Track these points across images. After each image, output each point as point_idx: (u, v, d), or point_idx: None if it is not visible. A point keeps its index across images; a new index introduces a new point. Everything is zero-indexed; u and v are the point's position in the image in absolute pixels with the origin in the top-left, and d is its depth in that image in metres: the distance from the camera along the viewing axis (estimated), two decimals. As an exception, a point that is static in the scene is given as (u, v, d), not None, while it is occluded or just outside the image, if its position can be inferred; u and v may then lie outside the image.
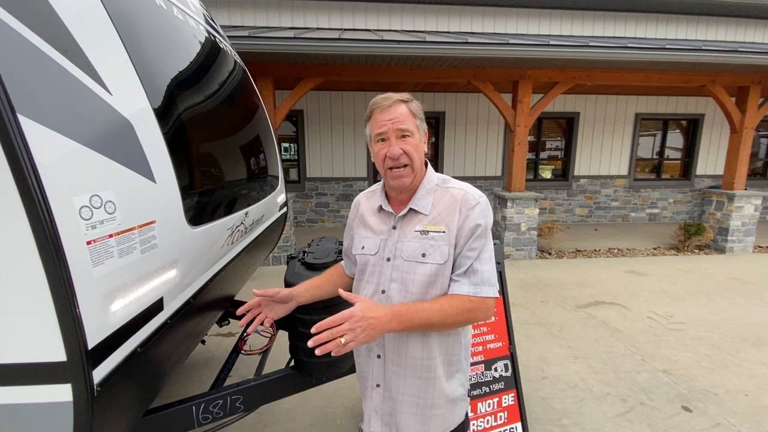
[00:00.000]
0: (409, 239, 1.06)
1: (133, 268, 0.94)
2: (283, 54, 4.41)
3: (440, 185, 1.11)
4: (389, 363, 1.09)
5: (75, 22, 0.86)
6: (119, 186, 0.90)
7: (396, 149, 1.01)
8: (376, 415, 1.13)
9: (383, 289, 1.08)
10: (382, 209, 1.13)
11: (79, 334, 0.76)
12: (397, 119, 1.01)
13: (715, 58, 4.94)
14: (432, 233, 1.04)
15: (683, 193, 8.68)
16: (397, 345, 1.07)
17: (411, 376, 1.07)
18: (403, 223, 1.09)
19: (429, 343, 1.06)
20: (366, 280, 1.13)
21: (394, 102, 1.03)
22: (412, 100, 1.07)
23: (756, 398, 2.53)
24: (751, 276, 4.98)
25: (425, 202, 1.08)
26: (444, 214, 1.05)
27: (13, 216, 0.70)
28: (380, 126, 1.03)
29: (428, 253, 1.03)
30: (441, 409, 1.09)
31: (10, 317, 0.74)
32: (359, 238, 1.17)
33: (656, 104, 8.23)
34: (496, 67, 5.18)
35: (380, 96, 1.06)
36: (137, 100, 1.01)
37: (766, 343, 3.24)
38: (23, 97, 0.71)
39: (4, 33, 0.70)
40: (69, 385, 0.77)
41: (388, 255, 1.08)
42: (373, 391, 1.13)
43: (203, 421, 1.58)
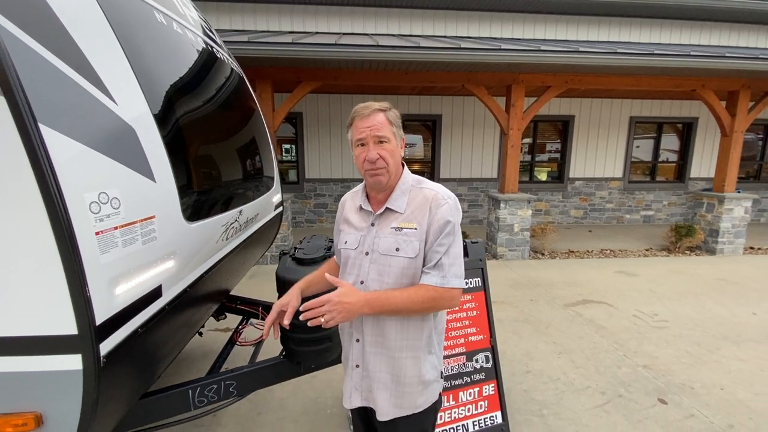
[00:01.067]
0: (385, 235, 1.17)
1: (135, 257, 1.07)
2: (281, 59, 4.55)
3: (415, 186, 1.22)
4: (367, 345, 1.20)
5: (86, 43, 0.99)
6: (123, 184, 1.03)
7: (373, 153, 1.12)
8: (356, 392, 1.24)
9: (362, 280, 1.19)
10: (363, 208, 1.24)
11: (88, 311, 0.89)
12: (375, 127, 1.12)
13: (703, 63, 5.06)
14: (405, 230, 1.15)
15: (677, 196, 8.78)
16: (375, 329, 1.18)
17: (386, 356, 1.19)
18: (380, 221, 1.20)
19: (404, 328, 1.17)
20: (348, 272, 1.23)
21: (372, 111, 1.13)
22: (390, 109, 1.18)
23: (730, 392, 2.63)
24: (739, 277, 5.08)
25: (401, 201, 1.19)
26: (416, 212, 1.16)
27: (34, 210, 0.82)
28: (360, 132, 1.13)
29: (401, 247, 1.14)
30: (413, 388, 1.20)
31: (30, 297, 0.87)
32: (343, 234, 1.28)
33: (651, 108, 8.34)
34: (489, 72, 5.31)
35: (361, 105, 1.17)
36: (139, 108, 1.14)
37: (746, 341, 3.34)
38: (43, 108, 0.83)
39: (26, 53, 0.83)
40: (79, 355, 0.90)
41: (367, 249, 1.19)
42: (353, 371, 1.24)
43: (199, 404, 1.70)
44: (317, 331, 1.83)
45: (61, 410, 0.92)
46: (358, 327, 1.21)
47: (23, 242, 0.85)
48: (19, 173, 0.81)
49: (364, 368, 1.22)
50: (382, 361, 1.19)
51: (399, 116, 1.20)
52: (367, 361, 1.21)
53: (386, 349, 1.18)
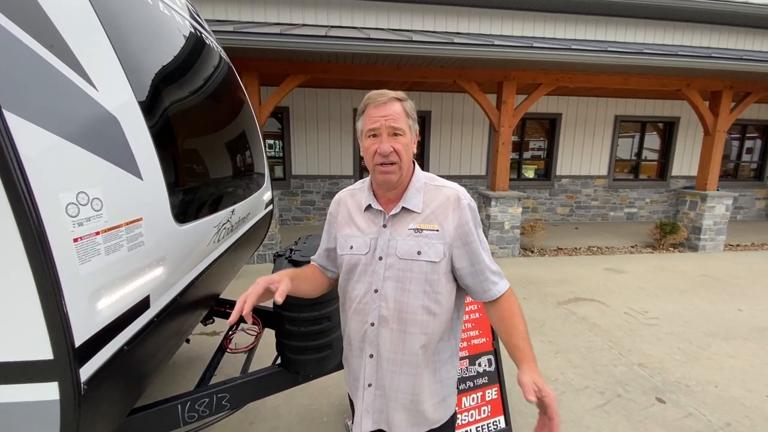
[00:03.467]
0: (402, 237, 1.05)
1: (120, 265, 0.94)
2: (268, 50, 4.37)
3: (429, 183, 1.11)
4: (383, 362, 1.08)
5: (61, 18, 0.85)
6: (106, 183, 0.90)
7: (387, 146, 1.00)
8: (368, 414, 1.12)
9: (376, 288, 1.06)
10: (371, 208, 1.11)
11: (66, 332, 0.76)
12: (391, 117, 1.00)
13: (689, 63, 5.13)
14: (426, 231, 1.05)
15: (659, 193, 8.98)
16: (396, 345, 1.06)
17: (405, 374, 1.07)
18: (394, 222, 1.08)
19: (431, 342, 1.06)
20: (356, 280, 1.10)
21: (389, 99, 1.02)
22: (407, 99, 1.06)
23: (725, 389, 2.65)
24: (721, 273, 5.20)
25: (416, 200, 1.08)
26: (437, 213, 1.06)
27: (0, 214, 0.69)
28: (373, 122, 1.01)
29: (423, 250, 1.03)
30: (433, 403, 1.10)
31: None
32: (344, 237, 1.14)
33: (635, 107, 8.48)
34: (481, 68, 5.25)
35: (376, 92, 1.05)
36: (123, 96, 1.01)
37: (734, 338, 3.40)
38: (8, 92, 0.70)
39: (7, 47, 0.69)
40: (56, 383, 0.77)
41: (380, 254, 1.06)
42: (365, 391, 1.11)
43: (189, 420, 1.57)
44: (317, 338, 1.72)
45: (34, 446, 0.79)
46: (372, 341, 1.08)
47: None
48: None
49: (378, 387, 1.10)
50: (401, 380, 1.07)
51: (415, 108, 1.08)
52: (382, 379, 1.08)
53: (407, 366, 1.06)
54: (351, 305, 1.12)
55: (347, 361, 1.20)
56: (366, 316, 1.08)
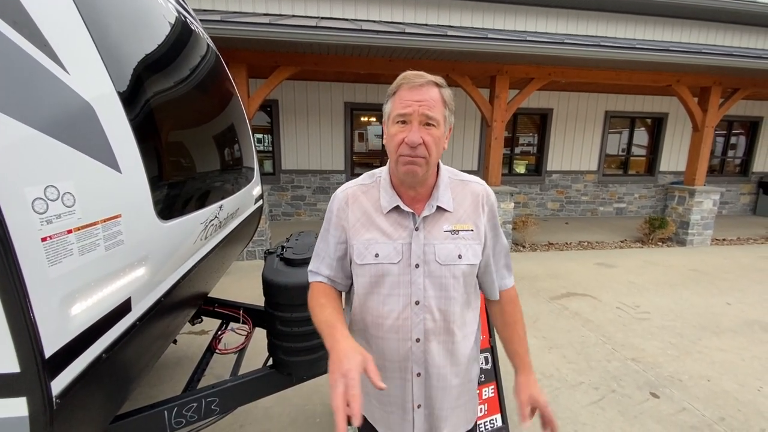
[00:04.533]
0: (440, 240, 0.95)
1: (96, 266, 0.86)
2: (258, 41, 4.24)
3: (453, 178, 1.02)
4: (433, 379, 0.98)
5: (25, -10, 0.76)
6: (79, 176, 0.82)
7: (416, 136, 0.86)
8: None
9: (417, 300, 0.95)
10: (397, 209, 0.96)
11: (33, 341, 0.68)
12: (426, 103, 0.86)
13: (679, 58, 5.15)
14: (462, 232, 0.96)
15: (647, 189, 9.08)
16: (445, 358, 0.98)
17: (455, 387, 1.02)
18: (426, 224, 0.96)
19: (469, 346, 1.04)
20: (388, 293, 0.96)
21: (427, 82, 0.88)
22: (446, 86, 0.93)
23: (717, 383, 2.67)
24: (709, 267, 5.28)
25: (447, 197, 0.98)
26: (470, 211, 0.98)
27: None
28: (405, 105, 0.87)
29: (463, 253, 0.95)
30: (470, 407, 1.09)
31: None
32: (365, 242, 0.97)
33: (624, 102, 8.53)
34: (474, 62, 5.19)
35: (412, 72, 0.91)
36: (99, 81, 0.92)
37: (724, 331, 3.43)
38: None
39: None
40: (24, 398, 0.69)
41: (417, 261, 0.94)
42: (414, 413, 1.00)
43: (176, 426, 1.50)
44: (310, 339, 1.66)
45: (0, 468, 0.71)
46: (419, 359, 0.97)
47: None
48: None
49: (427, 407, 1.00)
50: (450, 395, 1.01)
51: (453, 97, 0.95)
52: (432, 398, 0.99)
53: (456, 377, 1.01)
54: (383, 323, 0.97)
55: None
56: (408, 332, 0.96)
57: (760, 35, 8.45)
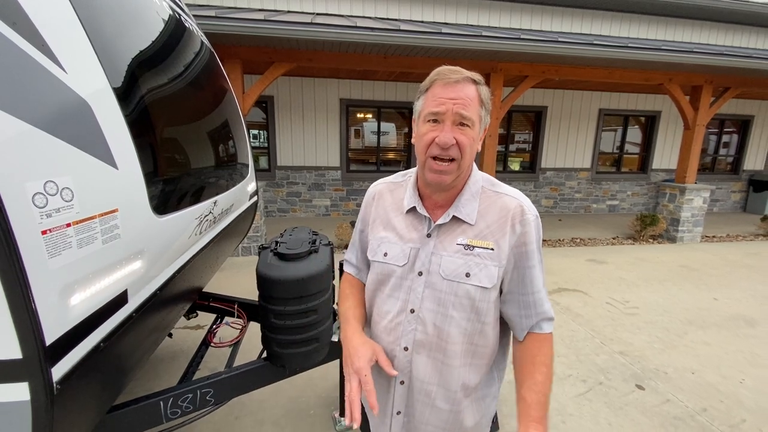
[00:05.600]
0: (449, 253, 0.88)
1: (94, 259, 0.89)
2: (252, 37, 4.24)
3: (488, 188, 0.93)
4: (416, 392, 0.95)
5: (23, -8, 0.78)
6: (77, 172, 0.84)
7: (449, 137, 0.81)
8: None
9: (412, 309, 0.91)
10: (415, 210, 0.93)
11: (35, 329, 0.72)
12: (461, 102, 0.81)
13: (671, 57, 5.21)
14: (478, 249, 0.87)
15: (640, 186, 9.18)
16: (432, 376, 0.93)
17: (440, 409, 0.95)
18: (440, 233, 0.91)
19: (475, 372, 0.94)
20: (389, 294, 0.95)
21: (463, 78, 0.82)
22: (483, 83, 0.86)
23: (701, 376, 2.75)
24: (698, 264, 5.37)
25: (470, 208, 0.90)
26: (494, 228, 0.88)
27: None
28: (438, 103, 0.82)
29: (473, 273, 0.86)
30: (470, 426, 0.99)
31: None
32: (378, 240, 0.97)
33: (618, 101, 8.61)
34: (468, 59, 5.22)
35: (447, 67, 0.86)
36: (95, 79, 0.94)
37: (710, 326, 3.52)
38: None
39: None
40: (26, 383, 0.72)
41: (421, 269, 0.90)
42: (393, 418, 0.99)
43: (171, 416, 1.54)
44: (304, 331, 1.70)
45: (3, 450, 0.75)
46: (404, 368, 0.93)
47: None
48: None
49: (407, 415, 0.98)
50: (433, 413, 0.95)
51: (491, 97, 0.88)
52: (413, 407, 0.97)
53: (444, 401, 0.94)
54: (380, 322, 0.97)
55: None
56: (398, 338, 0.93)
57: (752, 35, 8.54)
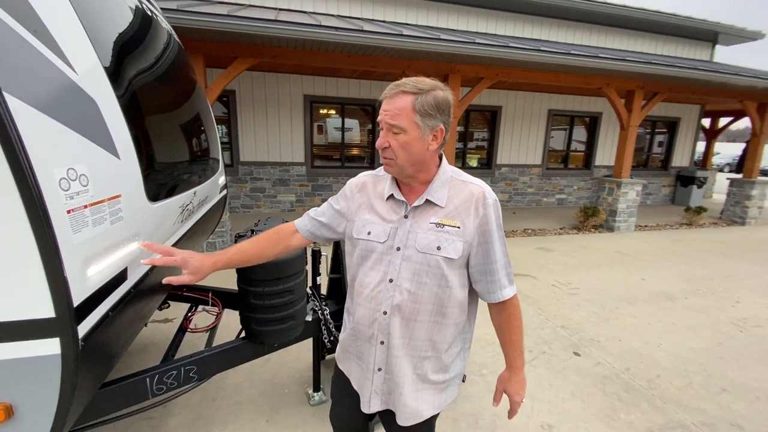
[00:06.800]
0: (423, 230, 1.05)
1: (105, 237, 1.02)
2: (216, 32, 4.24)
3: (455, 177, 1.11)
4: (394, 348, 1.09)
5: (40, 3, 0.90)
6: (90, 161, 0.97)
7: (381, 141, 1.01)
8: (377, 396, 1.16)
9: (391, 278, 1.07)
10: (394, 197, 1.10)
11: (65, 292, 0.85)
12: (389, 113, 0.98)
13: (607, 64, 5.78)
14: (447, 227, 1.04)
15: (585, 181, 9.98)
16: (405, 331, 1.09)
17: (413, 357, 1.10)
18: (415, 214, 1.07)
19: (437, 330, 1.09)
20: (371, 267, 1.10)
21: (397, 93, 0.98)
22: (424, 92, 0.97)
23: (626, 343, 3.19)
24: (631, 250, 6.02)
25: (441, 194, 1.06)
26: (461, 210, 1.05)
27: (4, 186, 0.76)
28: (380, 114, 1.01)
29: (443, 246, 1.03)
30: (437, 387, 1.15)
31: (4, 279, 0.80)
32: (362, 222, 1.13)
33: (565, 102, 9.30)
34: (428, 60, 5.50)
35: (394, 82, 1.01)
36: (98, 78, 1.06)
37: (637, 301, 4.03)
38: (8, 77, 0.76)
39: None
40: (57, 339, 0.85)
41: (398, 244, 1.06)
42: (375, 375, 1.14)
43: (157, 392, 1.65)
44: (281, 310, 1.85)
45: (35, 399, 0.87)
46: (383, 329, 1.09)
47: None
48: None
49: (387, 371, 1.13)
50: (409, 363, 1.11)
51: (438, 103, 0.99)
52: (392, 364, 1.11)
53: (414, 350, 1.10)
54: (362, 292, 1.12)
55: (351, 344, 1.21)
56: (379, 304, 1.08)
57: (678, 45, 9.54)
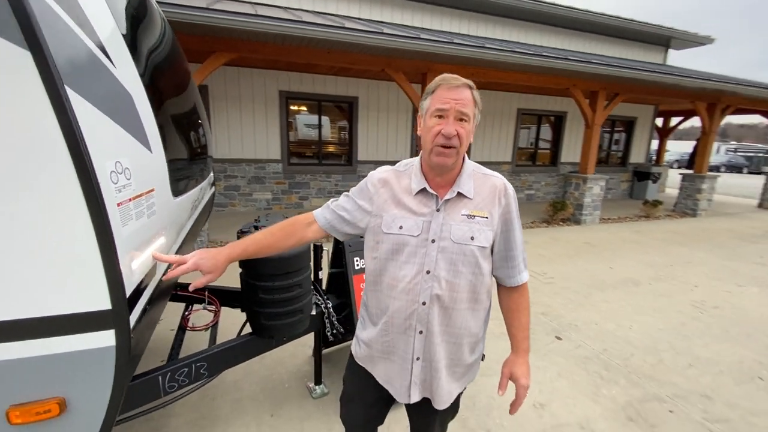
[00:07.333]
0: (457, 222, 1.09)
1: (144, 230, 1.02)
2: (194, 25, 4.11)
3: (477, 171, 1.16)
4: (433, 336, 1.12)
5: None
6: (131, 154, 0.97)
7: (452, 128, 1.02)
8: (416, 386, 1.18)
9: (428, 270, 1.09)
10: (425, 191, 1.12)
11: (120, 285, 0.85)
12: (461, 101, 1.03)
13: (575, 66, 6.12)
14: (478, 218, 1.09)
15: (552, 177, 10.48)
16: (444, 319, 1.13)
17: (450, 344, 1.15)
18: (447, 206, 1.11)
19: (471, 317, 1.16)
20: (405, 261, 1.11)
21: (462, 84, 1.04)
22: (474, 88, 1.08)
23: (602, 326, 3.44)
24: (597, 241, 6.42)
25: (468, 186, 1.12)
26: (487, 201, 1.11)
27: (65, 179, 0.76)
28: (444, 102, 1.03)
29: (476, 236, 1.09)
30: (466, 368, 1.22)
31: (62, 272, 0.80)
32: (391, 216, 1.13)
33: (533, 102, 9.70)
34: (407, 59, 5.59)
35: (450, 75, 1.08)
36: (131, 72, 1.06)
37: (607, 288, 4.33)
38: (64, 66, 0.76)
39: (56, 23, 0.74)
40: (113, 330, 0.86)
41: (433, 236, 1.09)
42: (413, 364, 1.16)
43: (169, 389, 1.63)
44: (290, 304, 1.88)
45: (88, 392, 0.87)
46: (422, 319, 1.12)
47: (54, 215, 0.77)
48: (51, 141, 0.74)
49: (425, 360, 1.16)
50: (446, 349, 1.16)
51: (479, 99, 1.10)
52: (431, 352, 1.15)
53: (451, 336, 1.15)
54: (397, 285, 1.12)
55: (379, 339, 1.20)
56: (417, 295, 1.10)
57: (635, 48, 10.20)
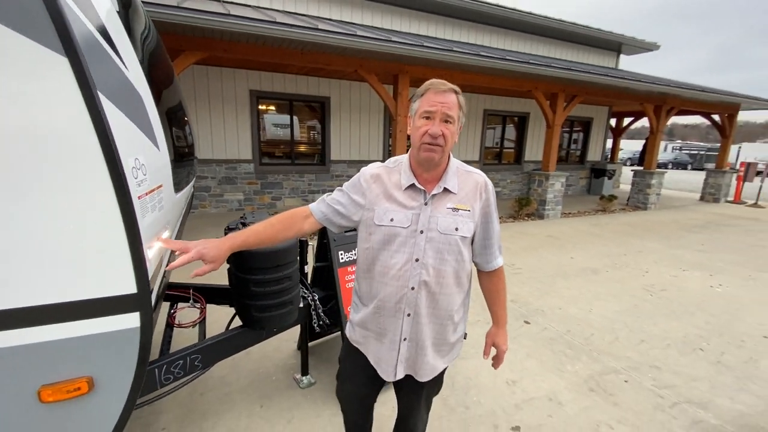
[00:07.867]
0: (443, 215, 1.20)
1: (156, 223, 1.09)
2: (164, 23, 4.05)
3: (460, 168, 1.28)
4: (421, 318, 1.23)
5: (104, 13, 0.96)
6: (145, 151, 1.05)
7: (437, 129, 1.13)
8: (402, 365, 1.29)
9: (417, 258, 1.20)
10: (414, 186, 1.22)
11: (144, 271, 0.93)
12: (447, 104, 1.13)
13: (536, 69, 6.49)
14: (461, 211, 1.21)
15: (516, 175, 10.97)
16: (430, 302, 1.24)
17: (435, 324, 1.27)
18: (434, 201, 1.21)
19: (454, 299, 1.27)
20: (396, 250, 1.21)
21: (448, 89, 1.16)
22: (460, 93, 1.19)
23: (565, 310, 3.73)
24: (560, 234, 6.85)
25: (454, 182, 1.23)
26: (470, 196, 1.23)
27: (98, 173, 0.83)
28: (431, 105, 1.13)
29: (459, 227, 1.20)
30: (450, 346, 1.34)
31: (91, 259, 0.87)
32: (383, 210, 1.22)
33: (498, 103, 10.13)
34: (379, 60, 5.73)
35: (437, 80, 1.19)
36: (139, 74, 1.13)
37: (569, 276, 4.67)
38: (95, 71, 0.84)
39: (84, 31, 0.82)
40: (137, 313, 0.93)
41: (422, 228, 1.19)
42: (401, 344, 1.27)
43: (165, 382, 1.68)
44: (281, 296, 1.96)
45: (114, 371, 0.93)
46: (411, 303, 1.23)
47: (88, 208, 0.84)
48: (86, 140, 0.81)
49: (411, 340, 1.27)
50: (431, 329, 1.27)
51: (464, 104, 1.22)
52: (418, 332, 1.25)
53: (437, 318, 1.26)
54: (388, 272, 1.23)
55: (372, 321, 1.30)
56: (407, 281, 1.21)
57: (589, 53, 10.87)
